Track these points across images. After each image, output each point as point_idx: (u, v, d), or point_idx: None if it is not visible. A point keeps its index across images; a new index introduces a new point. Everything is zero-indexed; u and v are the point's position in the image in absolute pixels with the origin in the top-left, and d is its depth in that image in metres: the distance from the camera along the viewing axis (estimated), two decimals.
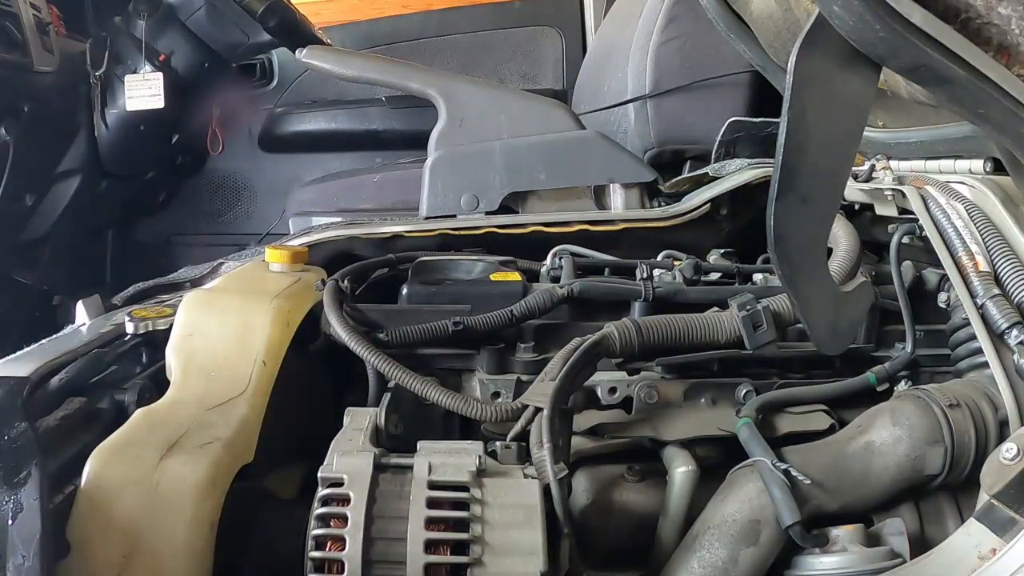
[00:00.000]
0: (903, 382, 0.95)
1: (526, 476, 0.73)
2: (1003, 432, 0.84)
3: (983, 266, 0.90)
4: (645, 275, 1.01)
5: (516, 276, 1.02)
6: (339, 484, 0.70)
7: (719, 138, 1.44)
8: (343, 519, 0.67)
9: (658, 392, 0.91)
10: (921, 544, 0.79)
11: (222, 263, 1.16)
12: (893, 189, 1.06)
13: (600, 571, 0.85)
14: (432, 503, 0.68)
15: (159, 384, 0.87)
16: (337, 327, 0.89)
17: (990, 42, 0.55)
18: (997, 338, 0.86)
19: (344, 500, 0.68)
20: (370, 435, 0.79)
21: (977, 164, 1.07)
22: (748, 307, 0.88)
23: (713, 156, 1.45)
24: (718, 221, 1.28)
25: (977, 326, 0.87)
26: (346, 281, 0.98)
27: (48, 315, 2.26)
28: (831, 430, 0.90)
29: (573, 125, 1.43)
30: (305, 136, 2.78)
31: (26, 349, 0.90)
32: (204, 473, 0.72)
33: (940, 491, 0.86)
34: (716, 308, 0.93)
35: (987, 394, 0.87)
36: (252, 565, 0.75)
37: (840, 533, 0.79)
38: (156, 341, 0.92)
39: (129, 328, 0.94)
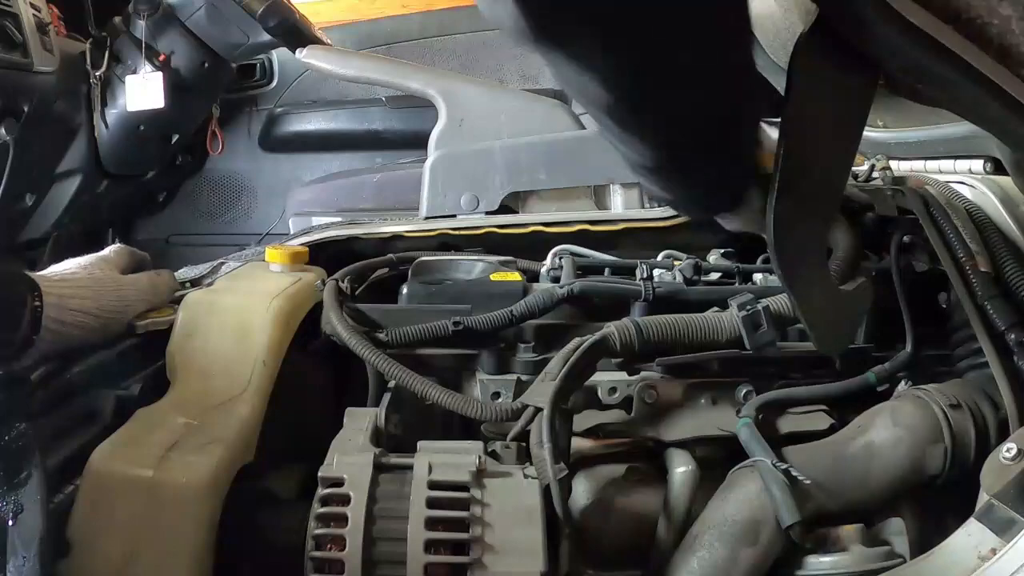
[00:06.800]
0: (903, 382, 0.94)
1: (526, 476, 0.73)
2: (1003, 432, 0.84)
3: (983, 266, 0.90)
4: (645, 275, 1.01)
5: (516, 276, 1.02)
6: (339, 484, 0.70)
7: None
8: (343, 519, 0.67)
9: (658, 392, 0.91)
10: (921, 544, 0.79)
11: (222, 263, 1.16)
12: (893, 189, 1.06)
13: (600, 571, 0.85)
14: (432, 503, 0.68)
15: (159, 384, 0.87)
16: (337, 327, 0.89)
17: (990, 42, 0.55)
18: (997, 338, 0.86)
19: (344, 500, 0.69)
20: (370, 435, 0.79)
21: (977, 164, 1.07)
22: (748, 307, 0.88)
23: None
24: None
25: (977, 326, 0.87)
26: (346, 281, 0.98)
27: None
28: (831, 430, 0.89)
29: (573, 125, 1.43)
30: (305, 136, 2.78)
31: None
32: (204, 473, 0.72)
33: (940, 491, 0.86)
34: (716, 308, 0.93)
35: (987, 394, 0.87)
36: (252, 565, 0.75)
37: (840, 533, 0.80)
38: (156, 341, 0.92)
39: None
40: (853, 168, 1.08)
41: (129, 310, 0.91)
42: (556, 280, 1.06)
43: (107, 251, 0.97)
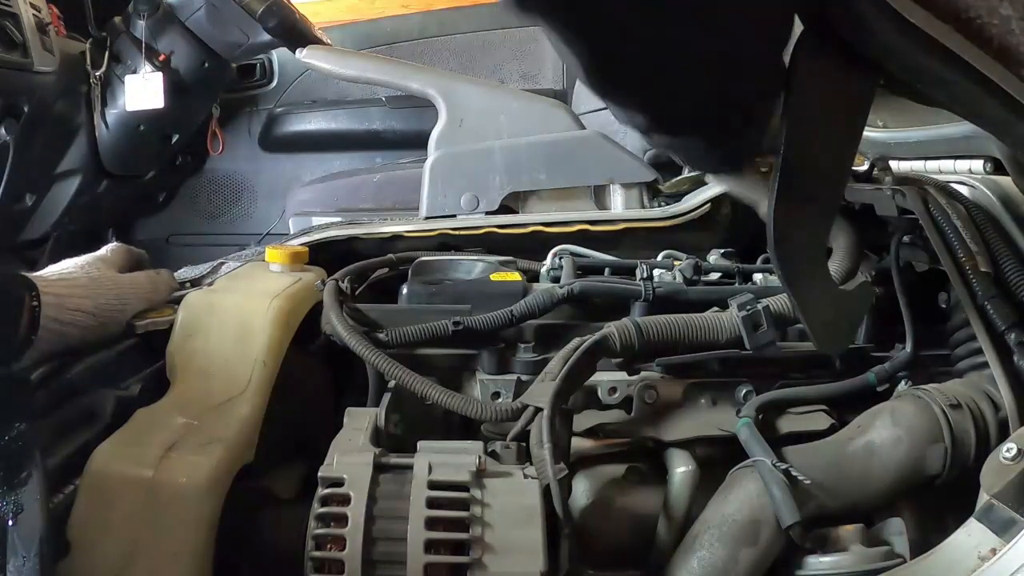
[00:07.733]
0: (903, 382, 0.94)
1: (526, 476, 0.73)
2: (1003, 432, 0.84)
3: (983, 266, 0.90)
4: (645, 275, 1.01)
5: (516, 276, 1.02)
6: (339, 484, 0.70)
7: None
8: (343, 519, 0.67)
9: (658, 392, 0.91)
10: (921, 544, 0.78)
11: (222, 263, 1.16)
12: (893, 189, 1.06)
13: (600, 571, 0.85)
14: (432, 503, 0.68)
15: (159, 384, 0.87)
16: (337, 327, 0.89)
17: (990, 42, 0.54)
18: (997, 338, 0.86)
19: (344, 500, 0.69)
20: (370, 435, 0.79)
21: (977, 164, 1.07)
22: (748, 307, 0.88)
23: None
24: (718, 221, 1.28)
25: (977, 326, 0.87)
26: (346, 281, 0.98)
27: None
28: (831, 430, 0.89)
29: (573, 125, 1.43)
30: (305, 136, 2.78)
31: None
32: (204, 473, 0.72)
33: (940, 491, 0.86)
34: (716, 308, 0.93)
35: (987, 394, 0.87)
36: (252, 565, 0.75)
37: (840, 533, 0.80)
38: (156, 341, 0.92)
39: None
40: (853, 168, 1.08)
41: (128, 308, 0.91)
42: (556, 280, 1.06)
43: (104, 250, 0.96)
